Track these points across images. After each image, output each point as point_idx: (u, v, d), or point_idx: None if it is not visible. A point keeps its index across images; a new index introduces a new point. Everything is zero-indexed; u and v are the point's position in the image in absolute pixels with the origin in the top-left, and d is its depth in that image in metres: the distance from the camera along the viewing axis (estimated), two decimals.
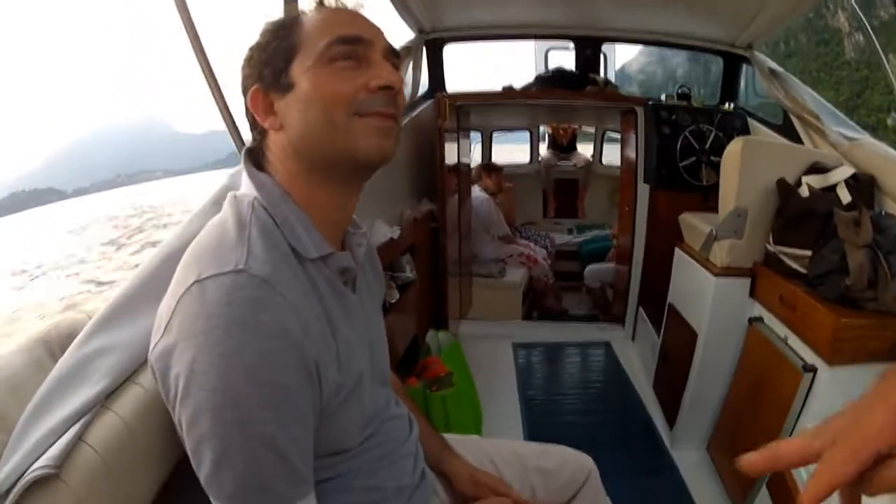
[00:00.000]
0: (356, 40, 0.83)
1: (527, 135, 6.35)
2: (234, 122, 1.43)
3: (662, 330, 2.95)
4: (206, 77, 1.38)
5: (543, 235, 5.22)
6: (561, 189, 6.27)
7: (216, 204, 1.14)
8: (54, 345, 0.94)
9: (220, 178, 1.31)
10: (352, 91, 0.81)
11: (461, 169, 3.75)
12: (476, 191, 4.47)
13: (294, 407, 0.72)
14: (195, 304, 0.68)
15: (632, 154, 3.64)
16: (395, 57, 0.88)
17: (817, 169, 2.26)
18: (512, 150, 6.93)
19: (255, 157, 0.89)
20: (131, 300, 0.99)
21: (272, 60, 0.84)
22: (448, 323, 3.39)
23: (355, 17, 0.88)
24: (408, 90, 3.06)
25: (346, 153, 0.82)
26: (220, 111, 1.42)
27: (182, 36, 1.35)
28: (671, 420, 2.73)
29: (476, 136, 5.81)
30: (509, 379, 3.35)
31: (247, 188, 0.84)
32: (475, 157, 5.71)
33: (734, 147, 2.22)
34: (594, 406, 3.15)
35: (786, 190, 2.18)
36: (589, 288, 4.72)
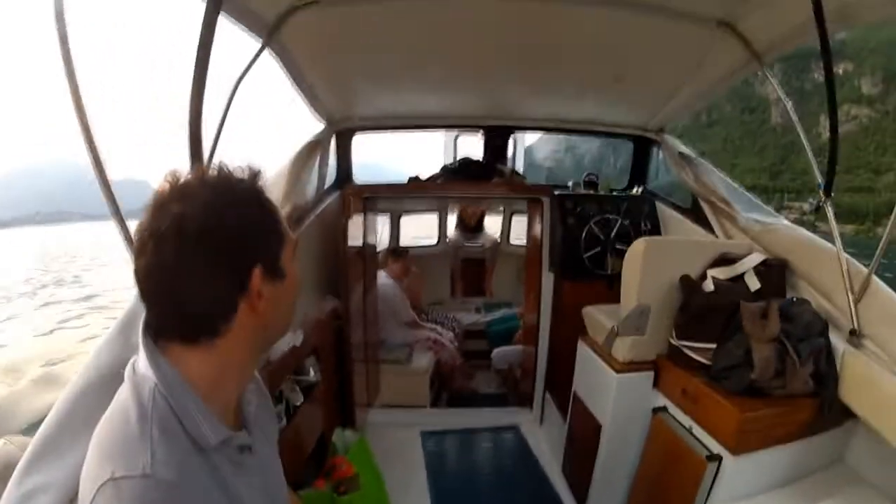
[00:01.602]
0: None
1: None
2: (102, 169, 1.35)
3: (568, 416, 2.96)
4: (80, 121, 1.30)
5: (450, 318, 5.22)
6: (468, 268, 6.34)
7: (122, 333, 1.26)
8: None
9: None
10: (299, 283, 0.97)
11: (367, 252, 3.74)
12: (382, 277, 4.46)
13: None
14: (114, 502, 0.73)
15: (537, 241, 3.70)
16: None
17: (725, 260, 2.32)
18: (420, 226, 7.01)
19: (188, 332, 0.87)
20: (57, 437, 1.10)
21: (270, 244, 0.91)
22: (355, 416, 3.30)
23: None
24: (314, 184, 3.05)
25: (286, 331, 1.01)
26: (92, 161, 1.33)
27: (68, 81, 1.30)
28: (582, 503, 2.73)
29: (385, 218, 5.85)
30: (418, 470, 3.28)
31: (145, 369, 0.83)
32: (383, 238, 5.76)
33: (637, 248, 2.27)
34: (506, 493, 3.12)
35: (689, 286, 2.22)
36: (497, 369, 4.74)
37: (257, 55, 2.17)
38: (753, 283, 2.22)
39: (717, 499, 1.92)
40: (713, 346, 2.10)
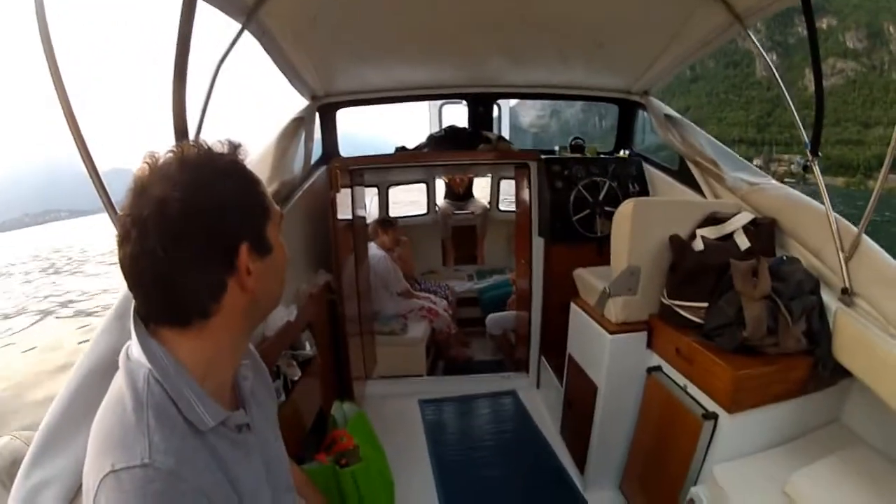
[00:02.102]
0: None
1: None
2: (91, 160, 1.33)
3: (564, 379, 2.99)
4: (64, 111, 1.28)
5: (443, 286, 5.24)
6: (459, 236, 6.34)
7: (119, 319, 1.29)
8: (3, 473, 1.14)
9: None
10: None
11: (357, 224, 3.72)
12: (373, 248, 4.45)
13: None
14: (116, 494, 0.74)
15: (526, 206, 3.70)
16: None
17: (714, 220, 2.32)
18: (409, 196, 6.97)
19: (179, 316, 0.86)
20: (60, 428, 1.12)
21: (254, 218, 0.89)
22: (353, 390, 3.31)
23: None
24: (300, 161, 3.00)
25: (278, 302, 0.99)
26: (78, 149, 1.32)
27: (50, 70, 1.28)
28: (581, 464, 2.77)
29: (373, 190, 5.82)
30: (419, 438, 3.31)
31: (139, 354, 0.83)
32: (373, 211, 5.73)
33: (625, 209, 2.27)
34: (505, 458, 3.15)
35: (679, 246, 2.23)
36: (492, 335, 4.78)
37: (237, 37, 2.13)
38: (743, 242, 2.22)
39: (714, 457, 1.94)
40: (705, 304, 2.11)
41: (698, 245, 2.20)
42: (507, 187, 6.13)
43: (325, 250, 3.17)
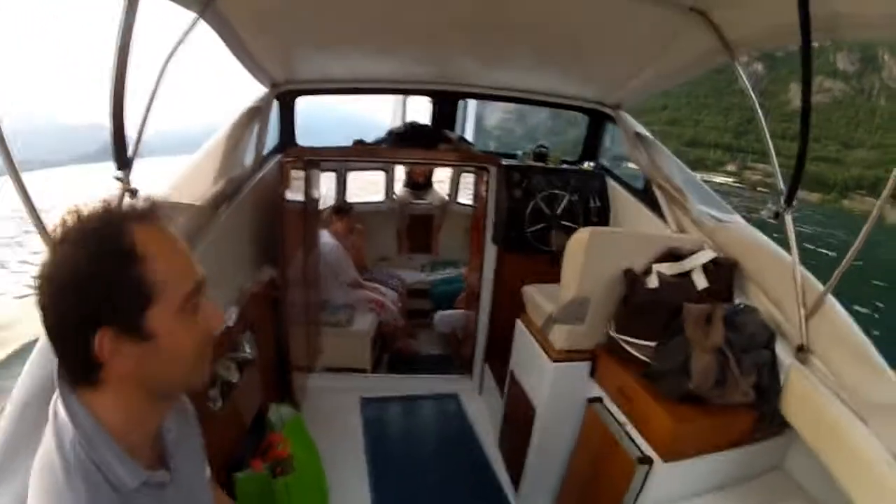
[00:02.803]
0: (201, 287, 0.89)
1: None
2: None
3: (505, 392, 2.98)
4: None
5: (395, 276, 5.19)
6: (415, 225, 6.26)
7: (43, 354, 1.26)
8: None
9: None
10: (197, 339, 0.89)
11: (309, 208, 3.64)
12: (325, 236, 4.36)
13: None
14: None
15: (482, 209, 3.66)
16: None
17: (672, 255, 2.27)
18: (367, 181, 6.86)
19: (77, 375, 0.86)
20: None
21: (122, 303, 0.81)
22: (294, 385, 3.26)
23: (184, 249, 0.90)
24: (251, 154, 2.89)
25: (187, 385, 0.96)
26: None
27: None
28: (516, 481, 2.78)
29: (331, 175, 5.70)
30: (357, 438, 3.29)
31: (63, 416, 0.84)
32: (330, 194, 5.63)
33: (580, 237, 2.22)
34: (442, 464, 3.15)
35: (632, 281, 2.19)
36: (440, 333, 4.77)
37: (191, 27, 2.00)
38: (701, 282, 2.19)
39: (646, 500, 1.94)
40: (653, 343, 2.09)
41: (653, 281, 2.16)
42: (468, 179, 6.09)
43: (274, 242, 3.07)
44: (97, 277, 0.79)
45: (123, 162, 1.55)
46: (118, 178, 1.57)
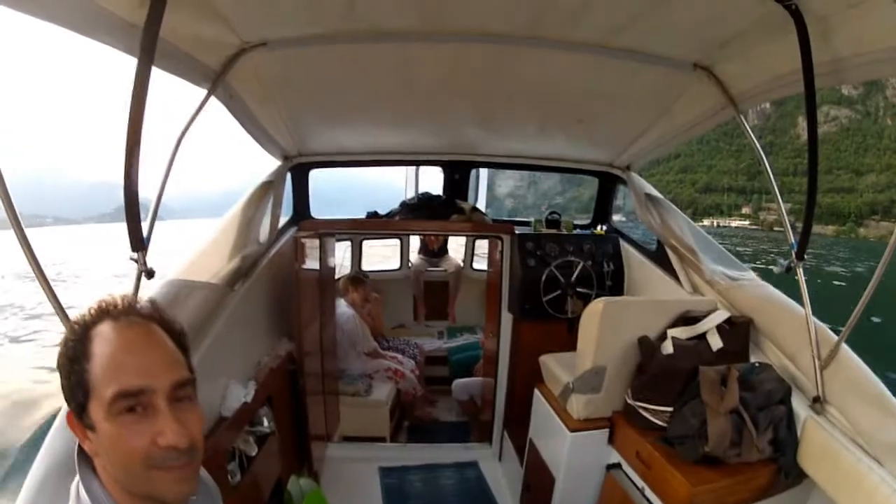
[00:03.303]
0: (138, 393, 0.88)
1: None
2: None
3: (525, 461, 2.94)
4: None
5: (412, 344, 5.20)
6: (431, 292, 6.29)
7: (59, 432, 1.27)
8: None
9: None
10: (143, 448, 0.87)
11: (324, 276, 3.69)
12: (342, 305, 4.42)
13: None
14: None
15: (497, 277, 3.67)
16: (183, 388, 0.94)
17: (687, 319, 2.29)
18: (384, 248, 6.96)
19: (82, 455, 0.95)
20: None
21: (75, 391, 0.89)
22: (312, 455, 3.24)
23: (139, 351, 0.92)
24: (266, 229, 2.97)
25: (150, 497, 0.91)
26: None
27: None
28: None
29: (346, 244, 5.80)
30: None
31: (84, 495, 0.90)
32: (345, 263, 5.73)
33: (594, 308, 2.24)
34: None
35: (647, 349, 2.20)
36: (458, 400, 4.73)
37: (203, 102, 2.08)
38: (716, 343, 2.21)
39: None
40: (669, 409, 2.10)
41: (668, 347, 2.18)
42: (483, 244, 6.15)
43: (290, 316, 3.12)
44: (63, 367, 0.91)
45: (139, 243, 1.57)
46: (134, 260, 1.60)
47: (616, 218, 4.04)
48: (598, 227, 3.82)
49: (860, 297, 1.80)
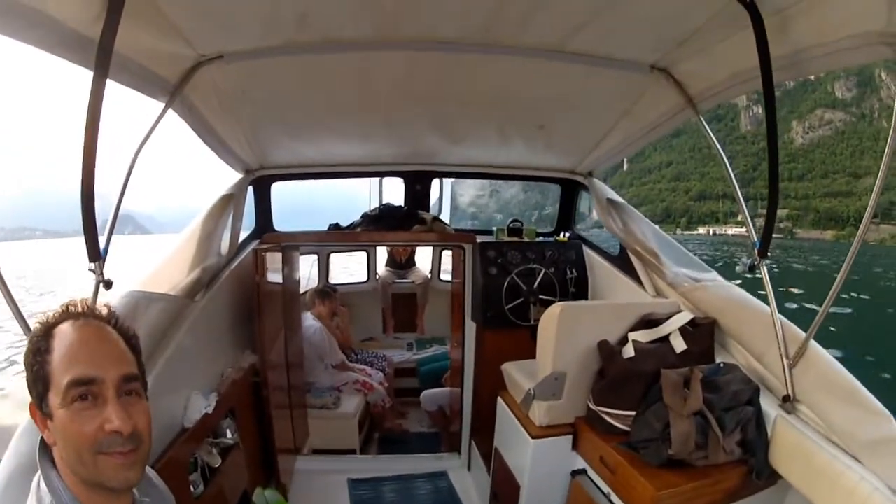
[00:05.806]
0: (89, 381, 0.97)
1: None
2: None
3: (491, 469, 2.95)
4: None
5: (381, 357, 5.20)
6: (400, 304, 6.30)
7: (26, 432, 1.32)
8: None
9: None
10: (92, 433, 0.96)
11: (288, 289, 3.69)
12: (309, 318, 4.42)
13: None
14: None
15: (460, 287, 3.69)
16: (130, 383, 1.03)
17: (648, 322, 2.29)
18: (352, 255, 6.96)
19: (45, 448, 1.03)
20: None
21: (35, 383, 0.99)
22: (279, 468, 3.21)
23: (93, 346, 1.02)
24: (227, 242, 2.97)
25: (98, 483, 0.98)
26: None
27: None
28: None
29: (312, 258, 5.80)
30: None
31: (44, 487, 0.98)
32: (313, 276, 5.73)
33: (551, 313, 2.25)
34: None
35: (607, 352, 2.20)
36: (427, 411, 4.73)
37: (161, 115, 2.10)
38: (679, 345, 2.21)
39: None
40: (632, 413, 2.10)
41: (629, 351, 2.17)
42: (449, 260, 6.18)
43: (254, 328, 3.10)
44: (28, 361, 1.00)
45: (95, 254, 1.59)
46: (91, 271, 1.63)
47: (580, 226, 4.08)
48: (562, 234, 3.84)
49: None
